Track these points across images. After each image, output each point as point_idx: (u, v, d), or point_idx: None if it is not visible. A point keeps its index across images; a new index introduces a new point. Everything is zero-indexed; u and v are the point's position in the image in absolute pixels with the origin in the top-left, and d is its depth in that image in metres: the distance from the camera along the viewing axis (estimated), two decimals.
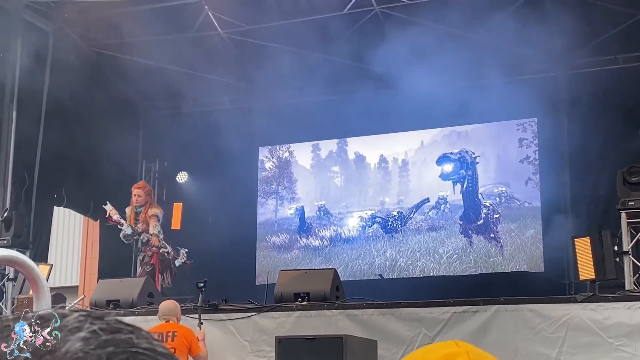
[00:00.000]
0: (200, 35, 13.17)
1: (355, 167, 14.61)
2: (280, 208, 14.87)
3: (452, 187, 13.80)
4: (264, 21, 12.60)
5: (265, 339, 8.82)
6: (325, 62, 13.35)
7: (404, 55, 11.94)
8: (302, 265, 13.97)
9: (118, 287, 10.19)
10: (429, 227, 13.84)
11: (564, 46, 12.47)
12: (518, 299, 8.56)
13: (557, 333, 8.07)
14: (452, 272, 13.45)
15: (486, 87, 12.76)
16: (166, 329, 7.92)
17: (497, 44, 12.30)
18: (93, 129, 13.20)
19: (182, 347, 7.78)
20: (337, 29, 12.65)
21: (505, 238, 13.37)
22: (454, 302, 8.68)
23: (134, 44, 13.07)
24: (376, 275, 13.75)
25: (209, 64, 13.57)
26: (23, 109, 12.10)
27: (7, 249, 2.83)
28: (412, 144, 14.22)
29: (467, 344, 1.08)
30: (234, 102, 14.73)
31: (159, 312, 8.20)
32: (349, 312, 8.81)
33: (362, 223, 14.26)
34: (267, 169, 15.08)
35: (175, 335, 7.86)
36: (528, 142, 13.50)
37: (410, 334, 8.54)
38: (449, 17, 11.88)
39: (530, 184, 13.38)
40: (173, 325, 8.04)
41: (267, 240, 14.70)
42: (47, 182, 12.69)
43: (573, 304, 8.19)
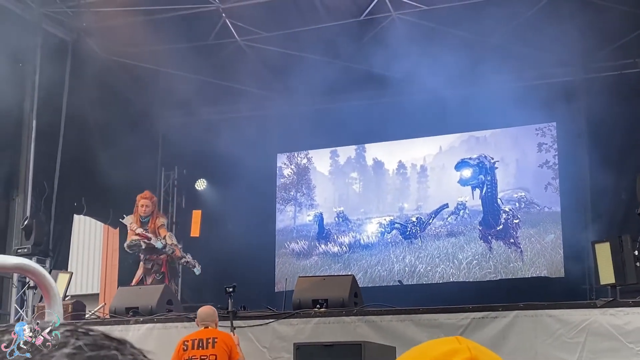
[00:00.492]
0: (217, 43, 13.22)
1: (374, 173, 14.59)
2: (299, 214, 14.88)
3: (471, 193, 13.75)
4: (281, 28, 12.63)
5: (284, 345, 8.81)
6: (343, 69, 13.35)
7: (421, 60, 11.93)
8: (321, 271, 13.97)
9: (137, 294, 10.21)
10: (448, 233, 13.79)
11: (583, 50, 12.42)
12: (537, 304, 8.50)
13: (576, 338, 8.01)
14: (472, 278, 13.40)
15: (504, 91, 12.71)
16: (206, 335, 7.83)
17: (515, 48, 12.27)
18: (112, 137, 13.26)
19: (222, 353, 7.72)
20: (354, 35, 12.66)
21: (525, 243, 13.30)
22: (473, 308, 8.65)
23: (152, 53, 13.14)
24: (395, 282, 13.72)
25: (226, 71, 13.62)
26: (43, 118, 12.18)
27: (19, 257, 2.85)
28: (431, 149, 14.19)
29: (469, 341, 1.07)
30: (252, 109, 14.75)
31: (198, 317, 8.10)
32: (368, 318, 8.79)
33: (381, 229, 14.24)
34: (286, 175, 15.09)
35: (215, 341, 7.76)
36: (547, 146, 13.44)
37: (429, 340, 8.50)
38: (466, 22, 11.86)
39: (550, 189, 13.32)
40: (212, 331, 7.94)
41: (286, 247, 14.71)
42: (67, 190, 12.75)
43: (593, 309, 8.14)
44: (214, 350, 7.70)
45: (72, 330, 0.72)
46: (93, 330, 0.73)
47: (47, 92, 12.07)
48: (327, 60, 13.26)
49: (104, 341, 0.72)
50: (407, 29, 12.23)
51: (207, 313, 8.08)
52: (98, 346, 0.70)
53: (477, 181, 13.72)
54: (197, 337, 7.83)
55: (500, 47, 12.22)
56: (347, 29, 12.55)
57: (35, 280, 2.74)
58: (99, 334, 0.73)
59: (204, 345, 7.75)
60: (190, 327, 9.25)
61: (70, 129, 12.59)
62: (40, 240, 11.24)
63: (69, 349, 0.69)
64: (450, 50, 12.03)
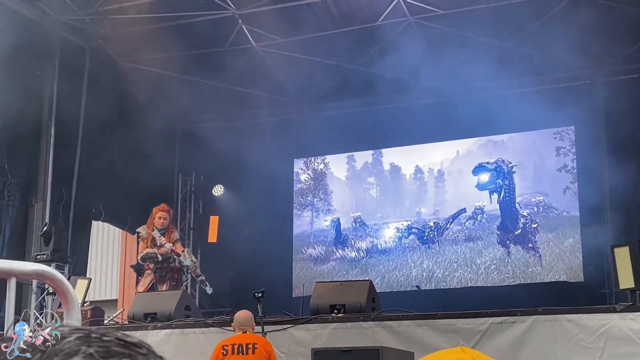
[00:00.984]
0: (234, 49, 13.25)
1: (391, 178, 14.57)
2: (316, 220, 14.87)
3: (489, 197, 13.70)
4: (298, 34, 12.64)
5: (302, 351, 8.80)
6: (360, 73, 13.37)
7: (438, 65, 11.92)
8: (338, 277, 13.96)
9: (155, 300, 10.23)
10: (466, 238, 13.75)
11: (601, 53, 12.37)
12: (556, 309, 8.46)
13: (596, 343, 7.96)
14: (490, 283, 13.34)
15: (522, 95, 12.69)
16: (245, 340, 7.79)
17: (532, 52, 12.24)
18: (130, 143, 13.31)
19: (262, 359, 7.71)
20: (371, 40, 12.66)
21: (544, 248, 13.24)
22: (491, 313, 8.61)
23: (169, 59, 13.19)
24: (413, 287, 13.68)
25: (243, 77, 13.64)
26: (61, 125, 12.25)
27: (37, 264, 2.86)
28: (448, 154, 14.15)
29: (474, 351, 1.07)
30: (269, 114, 14.78)
31: (235, 322, 8.05)
32: (385, 323, 8.77)
33: (399, 234, 14.21)
34: (303, 181, 15.10)
35: (255, 347, 7.72)
36: (565, 150, 13.38)
37: (447, 345, 8.47)
38: (483, 27, 11.83)
39: (569, 193, 13.25)
40: (252, 336, 7.90)
41: (303, 252, 14.71)
42: (85, 196, 12.81)
43: (612, 313, 8.08)
44: (255, 356, 7.67)
45: (85, 336, 0.71)
46: (108, 335, 0.72)
47: (65, 99, 12.14)
48: (343, 66, 13.27)
49: (117, 348, 0.71)
50: (424, 33, 12.22)
51: (245, 318, 8.03)
52: (110, 353, 0.70)
53: (494, 185, 13.68)
54: (237, 342, 7.79)
55: (518, 51, 12.20)
56: (363, 34, 12.56)
57: (54, 286, 2.75)
58: (113, 339, 0.72)
59: (244, 351, 7.70)
60: (207, 333, 9.28)
61: (88, 135, 12.66)
62: (60, 246, 11.28)
63: (80, 357, 0.68)
64: (468, 54, 12.01)
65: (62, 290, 2.72)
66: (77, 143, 12.54)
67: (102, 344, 0.70)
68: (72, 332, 0.72)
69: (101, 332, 0.73)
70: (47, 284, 3.16)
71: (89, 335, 0.72)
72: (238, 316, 8.07)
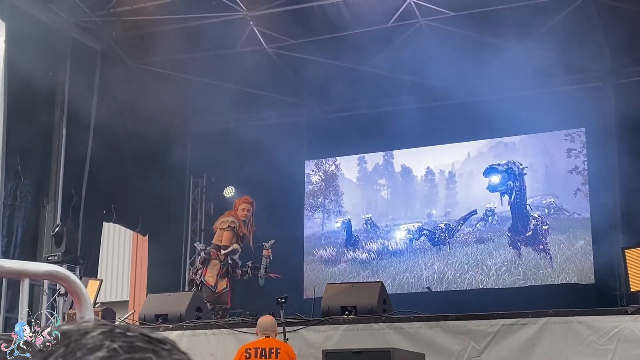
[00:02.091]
0: (245, 51, 13.27)
1: (402, 179, 14.57)
2: (327, 221, 14.88)
3: (500, 199, 13.68)
4: (309, 35, 12.65)
5: (313, 352, 8.81)
6: (370, 75, 13.37)
7: (449, 67, 11.91)
8: (349, 278, 13.95)
9: (166, 301, 10.24)
10: (477, 239, 13.73)
11: (612, 55, 12.34)
12: (567, 311, 8.44)
13: (607, 345, 7.94)
14: (501, 285, 13.32)
15: (533, 97, 12.67)
16: (269, 345, 7.76)
17: (544, 54, 12.22)
18: (141, 145, 13.34)
19: None
20: (381, 42, 12.66)
21: (555, 249, 13.21)
22: (502, 315, 8.59)
23: (180, 61, 13.23)
24: (424, 288, 13.67)
25: (254, 78, 13.66)
26: (73, 126, 12.28)
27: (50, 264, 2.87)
28: (459, 155, 14.14)
29: None
30: (280, 116, 14.79)
31: (259, 326, 8.01)
32: (397, 325, 8.76)
33: (409, 236, 14.20)
34: (314, 182, 15.11)
35: (279, 352, 7.70)
36: (577, 152, 13.35)
37: (458, 347, 8.47)
38: (494, 29, 11.83)
39: (580, 195, 13.22)
40: (275, 341, 7.87)
41: (315, 254, 14.72)
42: (96, 198, 12.85)
43: (624, 315, 8.06)
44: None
45: (109, 331, 0.71)
46: (132, 330, 0.73)
47: (76, 101, 12.18)
48: (354, 67, 13.28)
49: (141, 343, 0.71)
50: (435, 35, 12.21)
51: (268, 323, 8.00)
52: (134, 349, 0.70)
53: (505, 187, 13.65)
54: (260, 346, 7.77)
55: (530, 52, 12.17)
56: (374, 36, 12.55)
57: (67, 287, 2.76)
58: (137, 335, 0.72)
59: (266, 355, 7.69)
60: (218, 334, 9.29)
61: (100, 137, 12.69)
62: (72, 247, 11.31)
63: (103, 352, 0.68)
64: (479, 56, 12.01)
65: (75, 291, 2.73)
66: (88, 144, 12.57)
67: (126, 339, 0.71)
68: (96, 327, 0.72)
69: (125, 327, 0.73)
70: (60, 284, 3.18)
71: (113, 330, 0.72)
72: (262, 321, 8.05)
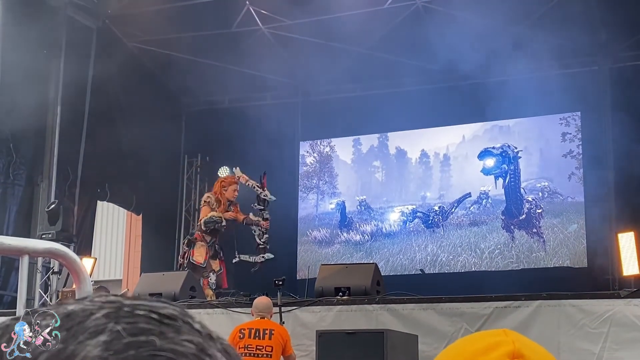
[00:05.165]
0: (241, 31, 13.23)
1: (397, 161, 14.58)
2: (321, 203, 14.89)
3: (494, 182, 13.71)
4: (305, 16, 12.61)
5: (306, 333, 8.83)
6: (366, 57, 13.34)
7: (444, 49, 11.89)
8: (342, 259, 13.99)
9: (160, 280, 10.25)
10: (471, 222, 13.77)
11: (609, 39, 12.33)
12: (560, 294, 8.47)
13: (600, 329, 7.98)
14: (494, 268, 13.37)
15: (529, 80, 12.66)
16: (263, 326, 7.79)
17: (540, 37, 12.20)
18: (136, 124, 13.31)
19: (278, 346, 7.70)
20: (378, 23, 12.63)
21: (548, 233, 13.26)
22: (495, 297, 8.62)
23: (176, 40, 13.18)
24: (417, 270, 13.70)
25: (250, 59, 13.63)
26: (67, 105, 12.25)
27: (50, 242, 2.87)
28: (454, 138, 14.15)
29: (516, 334, 1.07)
30: (275, 97, 14.77)
31: (254, 307, 8.02)
32: (390, 306, 8.79)
33: (403, 218, 14.23)
34: (308, 163, 15.11)
35: (272, 333, 7.73)
36: (571, 136, 13.37)
37: (451, 328, 8.50)
38: (491, 11, 11.79)
39: (574, 179, 13.26)
40: (269, 322, 7.90)
41: (308, 235, 14.74)
42: (91, 177, 12.84)
43: (616, 299, 8.09)
44: (271, 342, 7.68)
45: (115, 310, 0.68)
46: (141, 307, 0.69)
47: (71, 79, 12.13)
48: (350, 49, 13.25)
49: (147, 325, 0.67)
50: (431, 17, 12.19)
51: (264, 304, 8.02)
52: (139, 330, 0.66)
53: (500, 170, 13.68)
54: (254, 327, 7.79)
55: (525, 35, 12.16)
56: (371, 17, 12.52)
57: (66, 264, 2.76)
58: (145, 314, 0.68)
59: (260, 336, 7.72)
60: (212, 314, 9.30)
61: (95, 115, 12.66)
62: (68, 226, 11.30)
63: (105, 335, 0.65)
64: (474, 39, 11.98)
65: (75, 269, 2.73)
66: (83, 123, 12.54)
67: (130, 319, 0.67)
68: (102, 307, 0.68)
69: (135, 304, 0.69)
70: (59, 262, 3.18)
71: (120, 309, 0.68)
72: (257, 302, 8.07)
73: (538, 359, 1.06)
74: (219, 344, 0.70)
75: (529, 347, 1.06)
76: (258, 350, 7.69)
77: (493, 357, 1.04)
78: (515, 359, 1.04)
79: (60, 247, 2.78)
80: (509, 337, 1.06)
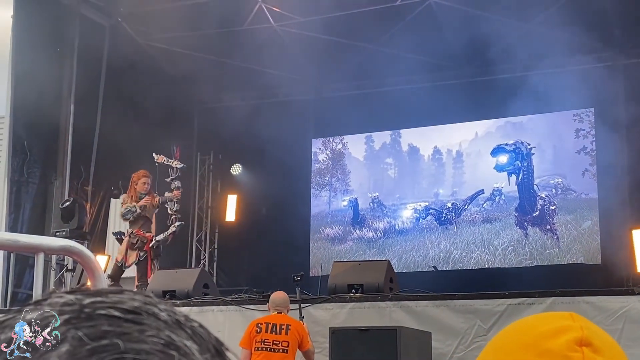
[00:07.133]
0: (253, 29, 13.23)
1: (409, 158, 14.56)
2: (334, 200, 14.89)
3: (507, 179, 13.67)
4: (318, 13, 12.60)
5: (319, 330, 8.83)
6: (378, 54, 13.32)
7: (457, 45, 11.87)
8: (355, 257, 13.98)
9: (174, 277, 10.27)
10: (484, 219, 13.74)
11: (623, 35, 12.28)
12: (574, 291, 8.44)
13: (614, 325, 7.94)
14: (507, 264, 13.34)
15: (542, 77, 12.61)
16: (280, 321, 7.82)
17: (552, 33, 12.15)
18: (148, 122, 13.33)
19: (294, 341, 7.73)
20: (390, 20, 12.61)
21: (562, 230, 13.21)
22: (509, 294, 8.60)
23: (188, 38, 13.19)
24: (430, 267, 13.69)
25: (262, 56, 13.62)
26: (80, 103, 12.28)
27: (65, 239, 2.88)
28: (467, 135, 14.12)
29: (583, 319, 1.02)
30: (288, 94, 14.76)
31: (271, 302, 8.06)
32: (403, 303, 8.78)
33: (416, 215, 14.21)
34: (321, 160, 15.11)
35: (289, 328, 7.76)
36: (585, 132, 13.32)
37: (464, 325, 8.49)
38: (503, 7, 11.76)
39: (587, 175, 13.20)
40: (286, 317, 7.93)
41: (321, 232, 14.74)
42: (104, 174, 12.87)
43: (630, 296, 8.06)
44: (287, 337, 7.70)
45: (75, 315, 0.64)
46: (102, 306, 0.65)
47: (84, 77, 12.17)
48: (362, 46, 13.24)
49: (109, 326, 0.64)
50: (444, 13, 12.16)
51: (281, 299, 8.05)
52: (102, 333, 0.63)
53: (513, 167, 13.64)
54: (271, 322, 7.81)
55: (539, 32, 12.12)
56: (383, 14, 12.50)
57: (81, 262, 2.77)
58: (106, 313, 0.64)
59: (277, 331, 7.73)
60: (226, 311, 9.32)
61: (107, 113, 12.69)
62: (82, 223, 11.33)
63: (67, 345, 0.63)
64: (487, 35, 11.94)
65: (90, 267, 2.74)
66: (96, 121, 12.58)
67: (92, 322, 0.64)
68: (62, 312, 0.65)
69: (95, 302, 0.65)
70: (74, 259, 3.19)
71: (81, 311, 0.65)
72: (274, 297, 8.08)
73: (606, 348, 1.02)
74: (188, 329, 0.67)
75: (597, 334, 1.02)
76: (275, 345, 7.71)
77: (560, 343, 1.00)
78: (583, 346, 1.00)
79: (76, 244, 2.79)
80: (577, 322, 1.01)
